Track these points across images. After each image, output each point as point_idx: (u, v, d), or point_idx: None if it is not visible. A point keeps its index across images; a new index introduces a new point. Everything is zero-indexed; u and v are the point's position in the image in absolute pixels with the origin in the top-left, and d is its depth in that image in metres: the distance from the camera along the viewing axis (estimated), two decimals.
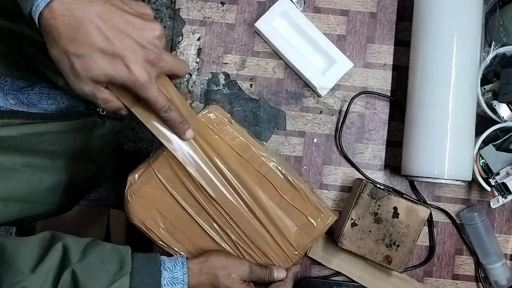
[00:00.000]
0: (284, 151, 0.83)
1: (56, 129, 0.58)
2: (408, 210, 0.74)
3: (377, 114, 0.83)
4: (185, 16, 0.84)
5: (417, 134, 0.74)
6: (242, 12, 0.84)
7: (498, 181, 0.74)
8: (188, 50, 0.84)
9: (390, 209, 0.74)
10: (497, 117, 0.77)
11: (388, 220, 0.74)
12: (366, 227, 0.75)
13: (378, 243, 0.75)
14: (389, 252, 0.75)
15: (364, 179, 0.77)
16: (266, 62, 0.84)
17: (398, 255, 0.75)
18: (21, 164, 0.56)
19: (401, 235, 0.74)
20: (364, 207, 0.75)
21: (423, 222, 0.74)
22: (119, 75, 0.42)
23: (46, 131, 0.56)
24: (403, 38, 0.84)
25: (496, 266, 0.79)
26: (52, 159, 0.62)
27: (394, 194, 0.75)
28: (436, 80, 0.73)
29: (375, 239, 0.75)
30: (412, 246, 0.74)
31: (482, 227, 0.79)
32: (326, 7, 0.84)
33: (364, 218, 0.75)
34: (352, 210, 0.74)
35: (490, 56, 0.77)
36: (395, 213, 0.74)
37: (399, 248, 0.75)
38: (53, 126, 0.57)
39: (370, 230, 0.75)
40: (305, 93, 0.83)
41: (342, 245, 0.74)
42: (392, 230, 0.75)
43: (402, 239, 0.74)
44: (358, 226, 0.75)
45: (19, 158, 0.56)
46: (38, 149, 0.57)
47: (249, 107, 0.83)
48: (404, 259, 0.74)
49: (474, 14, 0.73)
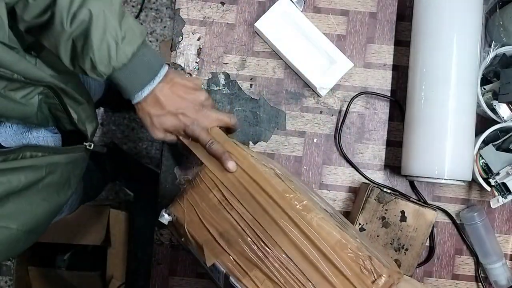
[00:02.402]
0: (284, 151, 0.83)
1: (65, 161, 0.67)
2: (415, 214, 0.74)
3: (377, 114, 0.83)
4: (185, 16, 0.84)
5: (417, 134, 0.74)
6: (242, 12, 0.84)
7: (498, 181, 0.74)
8: (188, 50, 0.84)
9: (398, 213, 0.74)
10: (497, 117, 0.77)
11: (396, 224, 0.74)
12: (374, 231, 0.74)
13: (387, 247, 0.74)
14: (398, 256, 0.74)
15: (370, 184, 0.77)
16: (266, 62, 0.84)
17: (407, 258, 0.74)
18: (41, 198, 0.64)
19: (409, 239, 0.74)
20: (372, 212, 0.74)
21: (431, 225, 0.74)
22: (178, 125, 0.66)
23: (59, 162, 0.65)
24: (403, 38, 0.84)
25: (496, 266, 0.79)
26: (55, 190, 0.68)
27: (401, 198, 0.75)
28: (436, 80, 0.73)
29: (384, 244, 0.74)
30: (420, 249, 0.74)
31: (482, 227, 0.79)
32: (326, 7, 0.84)
33: (371, 223, 0.74)
34: (360, 215, 0.74)
35: (490, 56, 0.77)
36: (403, 217, 0.74)
37: (407, 251, 0.74)
38: (63, 158, 0.66)
39: (378, 235, 0.74)
40: (305, 93, 0.83)
41: None
42: (400, 234, 0.74)
43: (411, 243, 0.74)
44: (366, 231, 0.74)
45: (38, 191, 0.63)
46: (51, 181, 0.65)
47: (249, 107, 0.83)
48: (413, 262, 0.74)
49: (474, 14, 0.73)
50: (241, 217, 0.58)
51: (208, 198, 0.61)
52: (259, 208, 0.58)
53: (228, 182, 0.61)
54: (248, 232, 0.58)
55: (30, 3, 0.55)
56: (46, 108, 0.64)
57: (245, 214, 0.58)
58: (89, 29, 0.56)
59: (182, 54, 0.84)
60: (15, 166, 0.57)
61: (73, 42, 0.57)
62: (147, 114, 0.65)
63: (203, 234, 0.60)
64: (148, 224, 1.33)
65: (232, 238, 0.58)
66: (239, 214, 0.59)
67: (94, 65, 0.58)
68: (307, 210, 0.57)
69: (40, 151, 0.61)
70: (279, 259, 0.56)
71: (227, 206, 0.60)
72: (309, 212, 0.57)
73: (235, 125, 0.70)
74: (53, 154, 0.64)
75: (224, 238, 0.58)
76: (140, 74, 0.62)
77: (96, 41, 0.57)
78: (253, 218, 0.58)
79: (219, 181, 0.62)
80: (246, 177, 0.60)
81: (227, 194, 0.60)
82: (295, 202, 0.57)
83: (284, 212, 0.57)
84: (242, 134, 0.83)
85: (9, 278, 1.66)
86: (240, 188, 0.60)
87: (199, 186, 0.63)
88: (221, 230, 0.59)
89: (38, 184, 0.61)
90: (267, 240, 0.57)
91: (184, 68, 0.83)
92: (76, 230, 1.44)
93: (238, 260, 0.57)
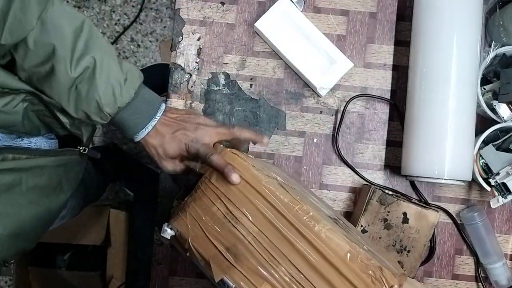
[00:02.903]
0: (284, 151, 0.83)
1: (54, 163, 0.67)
2: (417, 215, 0.74)
3: (377, 114, 0.83)
4: (185, 16, 0.84)
5: (417, 134, 0.74)
6: (242, 12, 0.84)
7: (498, 181, 0.73)
8: (188, 50, 0.84)
9: (400, 214, 0.74)
10: (497, 117, 0.77)
11: (398, 226, 0.74)
12: (376, 233, 0.74)
13: (389, 249, 0.74)
14: (400, 258, 0.74)
15: (372, 186, 0.77)
16: (266, 62, 0.84)
17: (409, 260, 0.74)
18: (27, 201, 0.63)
19: (412, 240, 0.74)
20: (374, 214, 0.74)
21: (433, 226, 0.74)
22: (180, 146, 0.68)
23: (47, 165, 0.65)
24: (403, 38, 0.84)
25: (496, 266, 0.79)
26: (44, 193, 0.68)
27: (403, 200, 0.74)
28: (436, 80, 0.73)
29: (386, 245, 0.74)
30: (423, 251, 0.74)
31: (482, 227, 0.79)
32: (326, 7, 0.84)
33: (374, 225, 0.74)
34: (362, 217, 0.74)
35: (490, 56, 0.77)
36: (405, 219, 0.74)
37: (410, 253, 0.74)
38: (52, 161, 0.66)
39: (380, 237, 0.74)
40: (305, 93, 0.83)
41: None
42: (403, 235, 0.74)
43: (413, 244, 0.74)
44: (368, 233, 0.74)
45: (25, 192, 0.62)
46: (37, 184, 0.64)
47: (249, 107, 0.83)
48: (415, 264, 0.74)
49: (474, 14, 0.73)
50: (248, 231, 0.58)
51: (211, 212, 0.60)
52: (266, 221, 0.58)
53: (232, 195, 0.60)
54: (255, 246, 0.57)
55: (30, 50, 0.56)
56: (35, 116, 0.63)
57: (251, 228, 0.58)
58: (94, 74, 0.59)
59: (182, 54, 0.84)
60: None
61: (77, 88, 0.60)
62: (152, 146, 0.68)
63: (209, 249, 0.59)
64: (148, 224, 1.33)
65: (240, 253, 0.57)
66: (246, 228, 0.58)
67: (100, 107, 0.61)
68: (315, 221, 0.57)
69: (24, 153, 0.61)
70: (289, 272, 0.56)
71: (232, 220, 0.59)
72: (317, 223, 0.56)
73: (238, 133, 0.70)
74: (40, 156, 0.63)
75: (231, 253, 0.58)
76: (143, 111, 0.66)
77: (101, 84, 0.60)
78: (259, 231, 0.57)
79: (221, 194, 0.60)
80: (250, 190, 0.59)
81: (231, 207, 0.59)
82: (302, 213, 0.57)
83: (291, 225, 0.57)
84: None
85: (9, 278, 1.67)
86: (244, 201, 0.59)
87: (201, 200, 0.61)
88: (227, 244, 0.58)
89: (21, 186, 0.61)
90: (275, 253, 0.57)
91: (184, 68, 0.83)
92: (76, 230, 1.44)
93: (247, 275, 0.57)
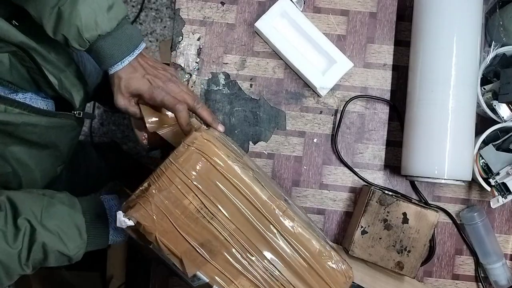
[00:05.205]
0: (284, 151, 0.83)
1: (46, 124, 0.65)
2: (417, 215, 0.74)
3: (377, 114, 0.83)
4: (185, 16, 0.84)
5: (417, 134, 0.74)
6: (242, 12, 0.84)
7: (498, 181, 0.74)
8: (188, 50, 0.84)
9: (400, 215, 0.74)
10: (497, 117, 0.77)
11: (398, 226, 0.74)
12: (376, 234, 0.75)
13: (389, 250, 0.74)
14: (401, 258, 0.74)
15: (372, 186, 0.77)
16: (266, 62, 0.84)
17: (409, 260, 0.74)
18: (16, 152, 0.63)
19: (412, 240, 0.74)
20: (373, 214, 0.74)
21: (433, 226, 0.74)
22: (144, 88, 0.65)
23: (39, 124, 0.64)
24: (403, 38, 0.84)
25: (496, 266, 0.79)
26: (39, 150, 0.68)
27: (403, 200, 0.75)
28: (436, 80, 0.73)
29: (386, 246, 0.74)
30: (423, 251, 0.74)
31: (482, 227, 0.79)
32: (326, 7, 0.84)
33: (374, 225, 0.74)
34: (362, 218, 0.74)
35: (490, 56, 0.77)
36: (405, 219, 0.74)
37: (410, 253, 0.74)
38: (44, 120, 0.65)
39: (380, 237, 0.75)
40: (305, 93, 0.83)
41: (353, 254, 0.74)
42: (403, 236, 0.74)
43: (413, 244, 0.74)
44: (368, 234, 0.75)
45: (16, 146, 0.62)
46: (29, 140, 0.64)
47: (249, 107, 0.83)
48: (416, 264, 0.74)
49: (474, 14, 0.73)
50: (223, 227, 0.58)
51: (183, 205, 0.57)
52: (242, 217, 0.58)
53: (206, 187, 0.57)
54: (231, 242, 0.58)
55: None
56: (24, 70, 0.62)
57: (228, 224, 0.58)
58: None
59: (182, 54, 0.84)
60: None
61: (59, 9, 0.58)
62: (118, 77, 0.65)
63: (180, 244, 0.57)
64: None
65: (215, 248, 0.58)
66: (222, 224, 0.58)
67: (79, 33, 0.59)
68: (289, 218, 0.59)
69: (17, 107, 0.59)
70: (264, 266, 0.58)
71: (207, 215, 0.57)
72: (292, 221, 0.59)
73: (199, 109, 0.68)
74: (32, 113, 0.62)
75: (206, 248, 0.57)
76: (122, 44, 0.64)
77: (85, 8, 0.58)
78: (236, 227, 0.58)
79: (194, 186, 0.57)
80: (225, 182, 0.58)
81: (207, 202, 0.57)
82: (277, 210, 0.59)
83: (267, 220, 0.58)
84: (242, 134, 0.83)
85: None
86: (220, 195, 0.58)
87: (169, 190, 0.57)
88: (201, 240, 0.57)
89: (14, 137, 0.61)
90: (251, 248, 0.58)
91: (184, 68, 0.83)
92: None
93: (222, 270, 0.58)
